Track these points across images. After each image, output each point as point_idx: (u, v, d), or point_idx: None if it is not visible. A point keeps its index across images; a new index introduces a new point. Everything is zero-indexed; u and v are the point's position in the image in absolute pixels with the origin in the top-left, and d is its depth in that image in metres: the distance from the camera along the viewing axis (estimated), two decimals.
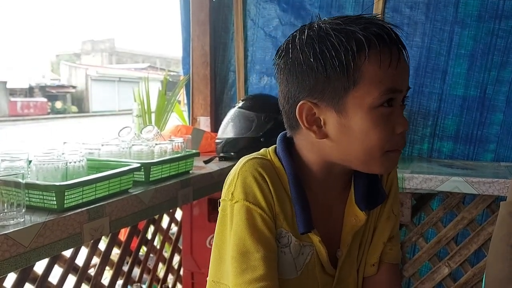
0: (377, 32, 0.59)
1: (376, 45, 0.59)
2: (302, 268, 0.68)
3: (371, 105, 0.60)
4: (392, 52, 0.59)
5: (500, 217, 0.82)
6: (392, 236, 0.75)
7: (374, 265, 0.74)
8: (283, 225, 0.66)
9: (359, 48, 0.58)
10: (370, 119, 0.60)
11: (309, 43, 0.61)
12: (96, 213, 1.10)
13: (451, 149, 1.81)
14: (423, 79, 1.82)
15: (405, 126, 0.62)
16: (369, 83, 0.59)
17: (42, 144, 2.00)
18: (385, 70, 0.59)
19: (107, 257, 1.45)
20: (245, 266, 0.61)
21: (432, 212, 1.66)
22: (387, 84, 0.60)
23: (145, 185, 1.33)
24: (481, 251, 1.60)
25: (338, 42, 0.59)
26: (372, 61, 0.59)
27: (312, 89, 0.62)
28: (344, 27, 0.59)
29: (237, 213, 0.64)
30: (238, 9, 2.08)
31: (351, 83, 0.59)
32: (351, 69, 0.59)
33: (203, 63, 2.17)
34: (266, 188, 0.64)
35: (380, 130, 0.61)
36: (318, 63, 0.60)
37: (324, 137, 0.64)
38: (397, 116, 0.62)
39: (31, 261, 0.95)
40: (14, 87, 18.83)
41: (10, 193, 0.94)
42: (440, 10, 1.77)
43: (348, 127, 0.62)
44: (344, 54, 0.58)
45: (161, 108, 2.37)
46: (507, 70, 1.70)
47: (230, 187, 0.66)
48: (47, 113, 19.03)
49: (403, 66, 0.61)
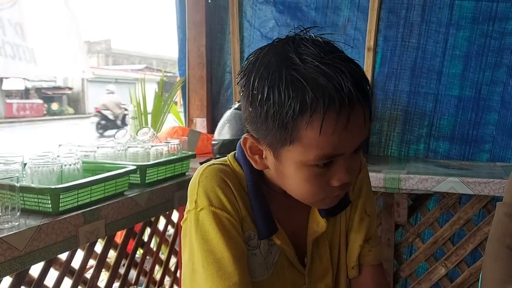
0: (329, 93, 0.53)
1: (321, 110, 0.53)
2: (272, 267, 0.68)
3: (304, 163, 0.58)
4: (339, 119, 0.54)
5: (496, 217, 0.82)
6: (369, 237, 0.75)
7: (354, 267, 0.74)
8: (251, 228, 0.66)
9: (302, 111, 0.54)
10: (301, 174, 0.59)
11: (261, 85, 0.56)
12: (91, 216, 1.10)
13: (447, 149, 1.81)
14: (418, 80, 1.83)
15: (343, 180, 0.59)
16: (305, 145, 0.56)
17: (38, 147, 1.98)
18: (326, 137, 0.55)
19: (103, 260, 1.44)
20: (221, 272, 0.60)
21: (429, 212, 1.66)
22: (325, 150, 0.56)
23: (141, 187, 1.32)
24: (478, 251, 1.61)
25: (285, 97, 0.54)
26: (313, 127, 0.54)
27: (256, 130, 0.60)
28: (302, 79, 0.54)
29: (204, 220, 0.62)
30: (234, 11, 2.08)
31: (288, 140, 0.56)
32: (290, 129, 0.55)
33: (199, 64, 2.16)
34: (230, 192, 0.64)
35: (312, 185, 0.60)
36: (262, 112, 0.57)
37: (265, 168, 0.64)
38: (336, 172, 0.59)
39: (26, 265, 0.95)
40: (10, 89, 18.75)
41: (5, 196, 0.94)
42: (436, 12, 1.78)
43: (283, 173, 0.61)
44: (286, 112, 0.54)
45: (157, 110, 2.36)
46: (501, 70, 1.72)
47: (192, 196, 0.64)
48: (43, 115, 18.95)
49: (352, 129, 0.55)
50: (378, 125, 1.89)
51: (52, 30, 4.43)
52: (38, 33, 4.38)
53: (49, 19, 4.42)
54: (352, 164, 0.60)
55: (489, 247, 0.80)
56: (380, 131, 1.90)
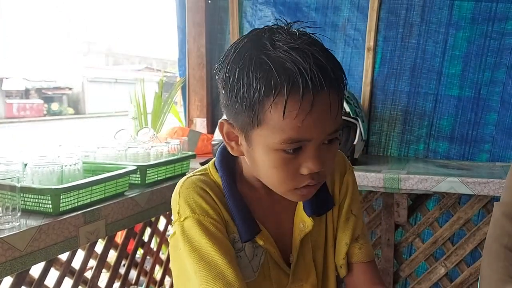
0: (293, 76, 0.54)
1: (284, 92, 0.54)
2: (259, 268, 0.68)
3: (271, 147, 0.58)
4: (302, 103, 0.54)
5: (494, 217, 0.82)
6: (357, 236, 0.75)
7: (342, 266, 0.74)
8: (234, 231, 0.67)
9: (266, 92, 0.55)
10: (269, 159, 0.59)
11: (233, 68, 0.58)
12: (92, 216, 1.10)
13: (447, 149, 1.81)
14: (418, 80, 1.83)
15: (313, 169, 0.59)
16: (271, 128, 0.57)
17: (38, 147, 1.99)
18: (289, 120, 0.55)
19: (103, 260, 1.44)
20: (214, 274, 0.61)
21: (428, 212, 1.67)
22: (289, 134, 0.56)
23: (141, 188, 1.33)
24: (477, 251, 1.61)
25: (253, 78, 0.56)
26: (277, 109, 0.55)
27: (229, 113, 0.62)
28: (269, 62, 0.55)
29: (190, 228, 0.63)
30: (234, 11, 2.08)
31: (255, 122, 0.57)
32: (257, 110, 0.56)
33: (199, 64, 2.17)
34: (210, 199, 0.65)
35: (280, 171, 0.60)
36: (233, 93, 0.58)
37: (241, 154, 0.65)
38: (305, 159, 0.59)
39: (27, 265, 0.95)
40: (10, 89, 18.75)
41: (5, 197, 0.94)
42: (435, 12, 1.78)
43: (254, 157, 0.62)
44: (253, 93, 0.56)
45: (157, 110, 2.36)
46: (501, 71, 1.72)
47: (175, 208, 0.66)
48: (43, 115, 18.95)
49: (317, 115, 0.56)
50: (378, 125, 1.90)
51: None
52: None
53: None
54: (323, 155, 0.60)
55: (487, 247, 0.81)
56: (380, 131, 1.90)
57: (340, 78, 0.59)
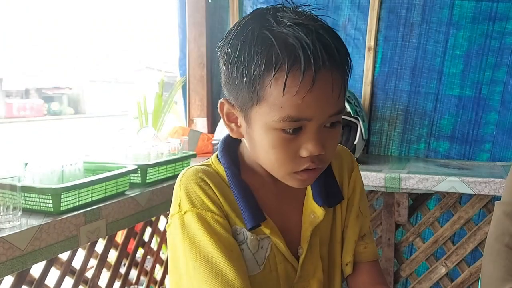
0: (295, 51, 0.53)
1: (285, 67, 0.53)
2: (264, 262, 0.66)
3: (270, 125, 0.57)
4: (303, 79, 0.53)
5: (494, 216, 0.82)
6: (363, 234, 0.74)
7: (348, 264, 0.73)
8: (236, 222, 0.65)
9: (267, 67, 0.54)
10: (268, 138, 0.58)
11: (235, 44, 0.57)
12: (92, 216, 1.10)
13: (447, 149, 1.81)
14: (419, 80, 1.83)
15: (313, 151, 0.57)
16: (271, 105, 0.55)
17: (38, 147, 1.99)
18: (289, 97, 0.54)
19: (104, 259, 1.44)
20: (214, 271, 0.60)
21: (429, 212, 1.67)
22: (289, 111, 0.55)
23: (141, 187, 1.33)
24: (478, 251, 1.61)
25: (254, 53, 0.55)
26: (277, 84, 0.54)
27: (229, 91, 0.61)
28: (271, 36, 0.54)
29: (190, 223, 0.62)
30: (234, 10, 2.08)
31: (255, 99, 0.56)
32: (257, 86, 0.55)
33: (199, 64, 2.17)
34: (210, 191, 0.64)
35: (279, 152, 0.58)
36: (233, 69, 0.57)
37: (240, 136, 0.64)
38: (305, 140, 0.57)
39: (28, 264, 0.95)
40: (10, 89, 18.75)
41: (6, 196, 0.94)
42: (436, 12, 1.78)
43: (252, 137, 0.61)
44: (253, 69, 0.55)
45: (158, 110, 2.36)
46: (501, 70, 1.72)
47: (176, 200, 0.65)
48: (43, 115, 18.95)
49: (318, 93, 0.54)
50: (379, 124, 1.90)
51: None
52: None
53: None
54: (324, 138, 0.58)
55: (488, 246, 0.81)
56: (380, 131, 1.90)
57: (345, 58, 0.57)
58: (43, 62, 16.10)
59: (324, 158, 0.60)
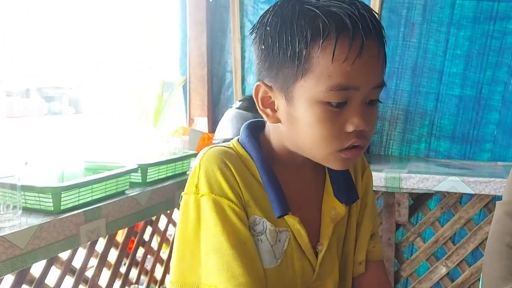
0: (341, 19, 0.53)
1: (333, 35, 0.53)
2: (281, 255, 0.64)
3: (316, 98, 0.56)
4: (352, 45, 0.53)
5: (495, 216, 0.82)
6: (372, 233, 0.75)
7: (361, 263, 0.72)
8: (255, 212, 0.62)
9: (314, 37, 0.54)
10: (314, 113, 0.56)
11: (274, 21, 0.57)
12: (92, 215, 1.10)
13: (448, 148, 1.81)
14: (419, 79, 1.83)
15: (359, 125, 0.56)
16: (318, 75, 0.55)
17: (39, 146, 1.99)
18: (338, 64, 0.54)
19: (104, 259, 1.44)
20: (222, 262, 0.58)
21: (430, 211, 1.66)
22: (337, 79, 0.54)
23: (142, 187, 1.32)
24: (479, 251, 1.61)
25: (297, 26, 0.54)
26: (325, 53, 0.54)
27: (268, 71, 0.59)
28: (314, 8, 0.54)
29: (205, 208, 0.60)
30: (235, 10, 2.08)
31: (300, 72, 0.55)
32: (303, 58, 0.55)
33: (200, 63, 2.17)
34: (231, 176, 0.61)
35: (323, 127, 0.57)
36: (274, 46, 0.57)
37: (277, 122, 0.62)
38: (350, 114, 0.56)
39: (28, 263, 0.95)
40: (10, 88, 18.79)
41: (6, 195, 0.94)
42: (437, 12, 1.78)
43: (294, 117, 0.59)
44: (298, 41, 0.54)
45: (158, 109, 2.36)
46: (502, 70, 1.72)
47: (193, 179, 0.62)
48: (44, 114, 18.98)
49: (366, 61, 0.54)
50: (379, 124, 1.89)
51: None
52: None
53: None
54: (367, 113, 0.58)
55: (489, 246, 0.80)
56: (381, 131, 1.90)
57: (382, 32, 0.57)
58: (43, 62, 16.16)
59: (367, 134, 0.59)
